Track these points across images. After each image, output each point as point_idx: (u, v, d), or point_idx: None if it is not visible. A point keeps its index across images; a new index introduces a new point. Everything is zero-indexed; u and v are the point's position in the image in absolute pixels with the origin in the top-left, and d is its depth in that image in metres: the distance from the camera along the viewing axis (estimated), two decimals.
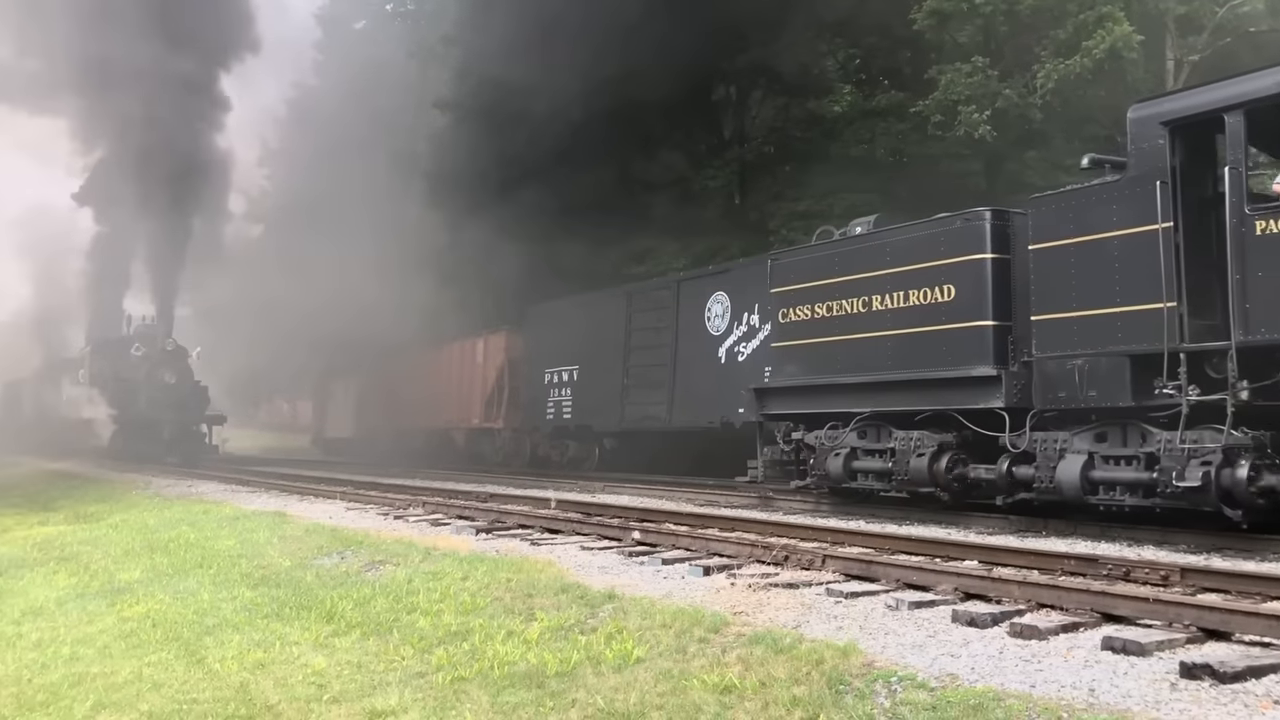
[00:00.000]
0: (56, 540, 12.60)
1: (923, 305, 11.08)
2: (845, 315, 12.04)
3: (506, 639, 6.02)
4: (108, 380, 30.80)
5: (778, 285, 13.26)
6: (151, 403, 28.23)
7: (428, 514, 12.23)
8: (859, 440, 11.88)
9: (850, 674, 4.80)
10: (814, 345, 12.51)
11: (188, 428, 28.69)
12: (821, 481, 12.33)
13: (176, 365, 29.19)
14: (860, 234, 12.53)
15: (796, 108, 25.70)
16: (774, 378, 13.48)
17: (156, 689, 5.96)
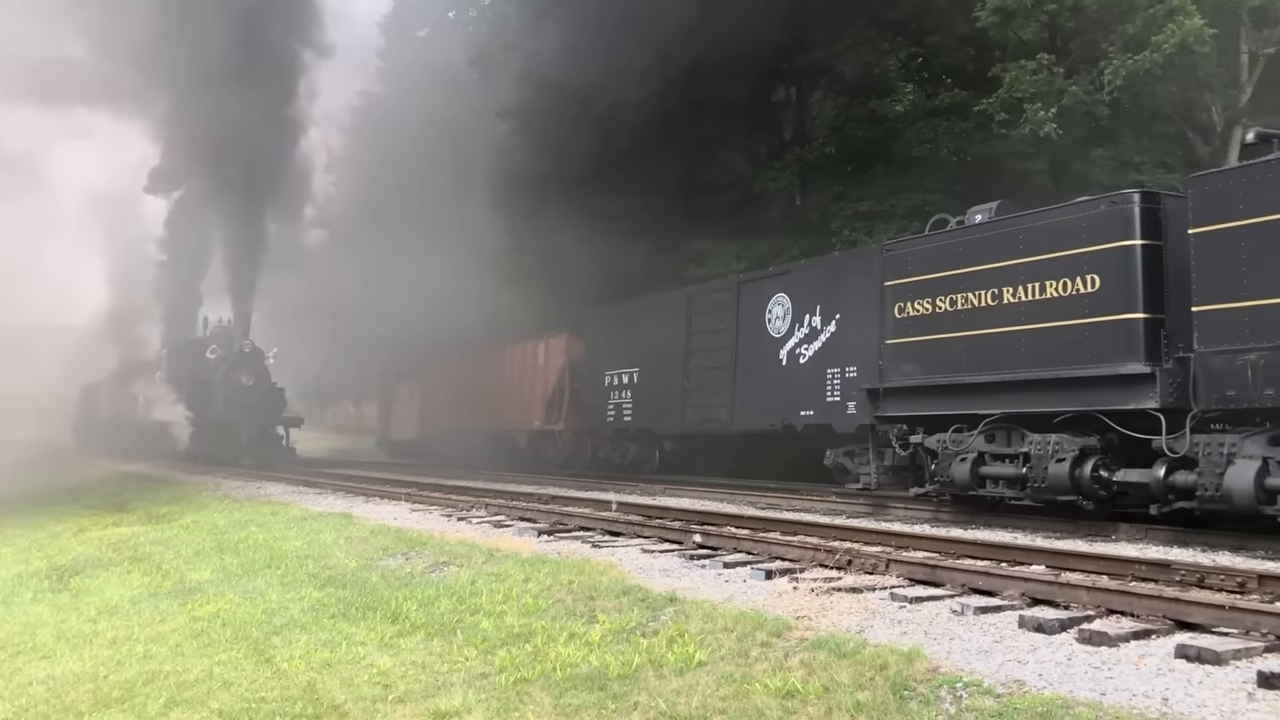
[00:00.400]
0: (130, 540, 12.89)
1: (1061, 297, 10.30)
2: (971, 309, 11.26)
3: (569, 641, 6.04)
4: (184, 382, 30.54)
5: (893, 278, 12.47)
6: (229, 404, 27.98)
7: (490, 516, 12.32)
8: (987, 444, 11.12)
9: (915, 679, 4.75)
10: (935, 342, 11.73)
11: (265, 430, 28.34)
12: (944, 489, 11.61)
13: (254, 367, 28.76)
14: (987, 221, 11.68)
15: (858, 107, 25.53)
16: (890, 377, 12.61)
17: (226, 687, 6.07)
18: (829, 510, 12.97)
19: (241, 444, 27.06)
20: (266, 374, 29.07)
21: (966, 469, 11.14)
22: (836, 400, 17.00)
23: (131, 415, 37.58)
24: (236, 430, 27.36)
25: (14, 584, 10.78)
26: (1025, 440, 10.69)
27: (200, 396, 28.91)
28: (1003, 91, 19.70)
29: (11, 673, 7.16)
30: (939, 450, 11.63)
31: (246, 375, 28.29)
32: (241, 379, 28.21)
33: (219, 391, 28.31)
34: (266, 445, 27.84)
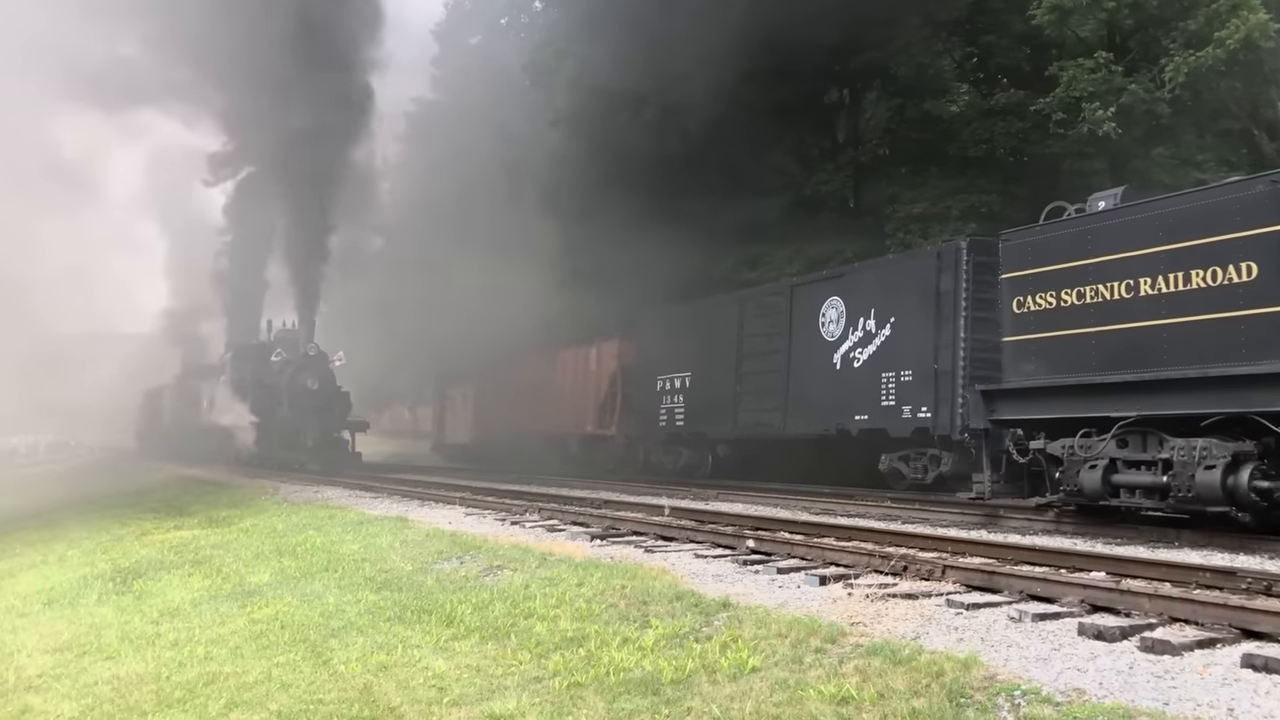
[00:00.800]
0: (191, 544, 13.12)
1: (1210, 288, 9.46)
2: (1103, 303, 10.35)
3: (622, 646, 6.04)
4: (249, 386, 30.26)
5: (1011, 270, 11.61)
6: (294, 409, 27.57)
7: (543, 520, 12.37)
8: (1120, 450, 10.20)
9: (972, 687, 4.68)
10: (1061, 339, 10.85)
11: (330, 434, 27.86)
12: (1071, 498, 10.76)
13: (318, 370, 28.19)
14: (1117, 207, 10.80)
15: (912, 109, 25.35)
16: (1009, 376, 11.74)
17: (285, 689, 6.15)
18: (884, 516, 12.84)
19: (307, 448, 26.74)
20: (332, 378, 28.55)
21: (1097, 477, 10.26)
22: (891, 404, 16.88)
23: (195, 419, 37.56)
24: (301, 435, 27.05)
25: (80, 586, 11.02)
26: (1166, 445, 9.79)
27: (265, 400, 28.58)
28: (1060, 91, 19.47)
29: (78, 672, 7.32)
30: (1064, 457, 10.78)
31: (311, 379, 27.78)
32: (306, 383, 27.71)
33: (284, 395, 27.92)
34: (331, 450, 27.48)
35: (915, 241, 21.78)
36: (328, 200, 27.44)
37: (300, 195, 27.18)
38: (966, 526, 11.70)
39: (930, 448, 16.58)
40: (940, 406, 16.06)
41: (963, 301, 15.94)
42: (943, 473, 16.45)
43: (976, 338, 15.92)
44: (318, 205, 27.19)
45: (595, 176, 25.56)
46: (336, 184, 27.63)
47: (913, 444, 16.94)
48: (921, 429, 16.44)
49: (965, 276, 15.97)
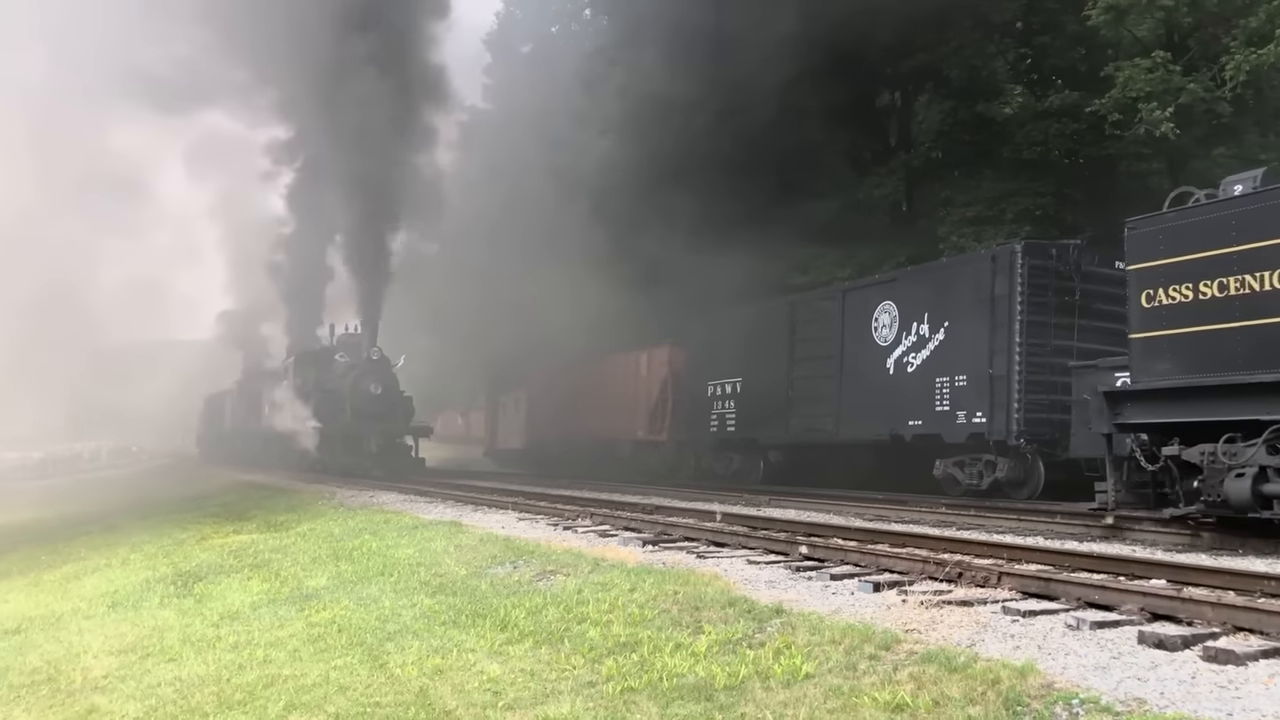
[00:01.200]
0: (250, 548, 13.33)
1: None
2: (1250, 294, 9.49)
3: (675, 651, 6.05)
4: (311, 391, 29.61)
5: (1139, 260, 10.74)
6: (357, 414, 27.01)
7: (595, 525, 12.41)
8: (1270, 457, 9.27)
9: (1028, 695, 4.64)
10: (1200, 335, 9.98)
11: (393, 439, 27.39)
12: (1212, 510, 9.84)
13: (381, 375, 27.55)
14: (1261, 190, 9.88)
15: (965, 111, 25.13)
16: (1136, 376, 10.82)
17: (342, 692, 6.24)
18: (939, 522, 12.72)
19: (371, 454, 26.28)
20: (395, 382, 27.98)
21: (1245, 487, 9.26)
22: (946, 409, 16.75)
23: (256, 425, 37.51)
24: (365, 440, 26.60)
25: (143, 589, 11.24)
26: None
27: (328, 406, 28.02)
28: (1116, 91, 19.20)
29: (141, 674, 7.47)
30: (1204, 464, 9.84)
31: (374, 384, 27.22)
32: (370, 387, 27.16)
33: (346, 400, 27.42)
34: (395, 455, 27.03)
35: (969, 245, 21.58)
36: (392, 202, 26.91)
37: (364, 196, 26.67)
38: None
39: (985, 453, 16.43)
40: (995, 411, 15.91)
41: (1018, 305, 15.78)
42: (998, 478, 16.29)
43: (1032, 342, 15.77)
44: (382, 206, 26.66)
45: (646, 182, 25.62)
46: (401, 186, 27.00)
47: (968, 449, 16.79)
48: (976, 434, 16.29)
49: (1020, 280, 15.81)
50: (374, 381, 27.22)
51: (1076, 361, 15.41)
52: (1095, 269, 16.36)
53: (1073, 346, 15.83)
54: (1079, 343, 15.87)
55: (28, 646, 9.31)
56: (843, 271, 23.28)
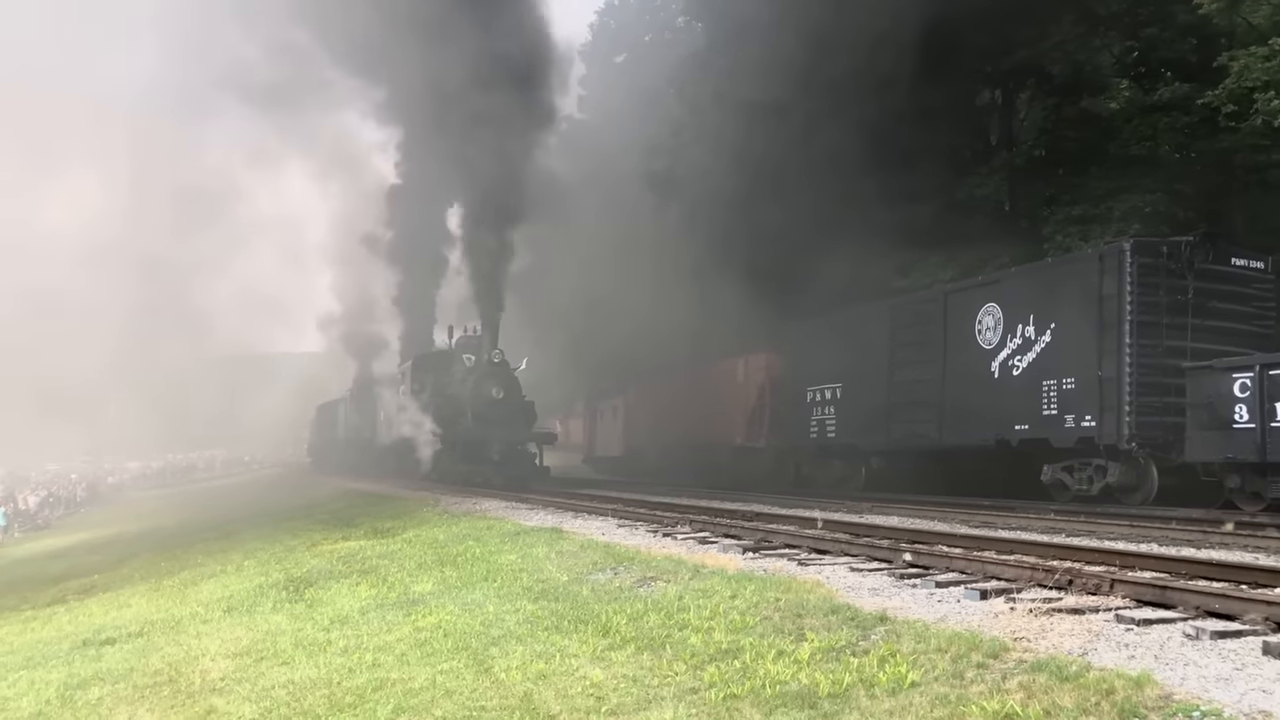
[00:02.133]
0: (358, 554, 13.64)
1: None
2: None
3: (777, 658, 6.01)
4: (430, 396, 28.43)
5: None
6: (478, 419, 25.24)
7: (695, 532, 12.40)
8: None
9: (1145, 706, 4.49)
10: None
11: (516, 446, 25.44)
12: None
13: (503, 378, 25.81)
14: None
15: (1068, 107, 24.51)
16: None
17: (449, 696, 6.34)
18: (1047, 529, 12.41)
19: (493, 462, 24.51)
20: (517, 386, 26.20)
21: None
22: (1053, 413, 16.37)
23: (371, 433, 36.62)
24: (487, 447, 24.82)
25: (256, 595, 11.60)
26: None
27: (447, 411, 26.70)
28: (1230, 82, 18.54)
29: (256, 677, 7.70)
30: None
31: (496, 387, 25.43)
32: (491, 391, 25.37)
33: (467, 405, 25.72)
34: (518, 463, 25.26)
35: (1075, 244, 21.03)
36: (513, 194, 25.26)
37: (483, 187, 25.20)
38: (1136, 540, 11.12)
39: (1095, 458, 16.00)
40: (1106, 415, 15.49)
41: (1128, 305, 15.35)
42: (1109, 484, 15.84)
43: (1143, 343, 15.32)
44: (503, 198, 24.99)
45: (742, 188, 25.55)
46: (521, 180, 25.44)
47: (1077, 454, 16.37)
48: (1086, 438, 15.88)
49: (1130, 279, 15.39)
50: (496, 385, 25.54)
51: (1191, 362, 14.93)
52: (1210, 266, 15.83)
53: (1186, 347, 15.34)
54: (1193, 343, 15.37)
55: (150, 649, 9.67)
56: (944, 274, 22.87)
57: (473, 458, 24.92)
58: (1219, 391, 14.07)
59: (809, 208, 23.64)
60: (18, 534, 38.32)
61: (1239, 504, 14.04)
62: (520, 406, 26.05)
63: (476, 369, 26.27)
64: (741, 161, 25.67)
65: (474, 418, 25.34)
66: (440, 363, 29.75)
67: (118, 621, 11.91)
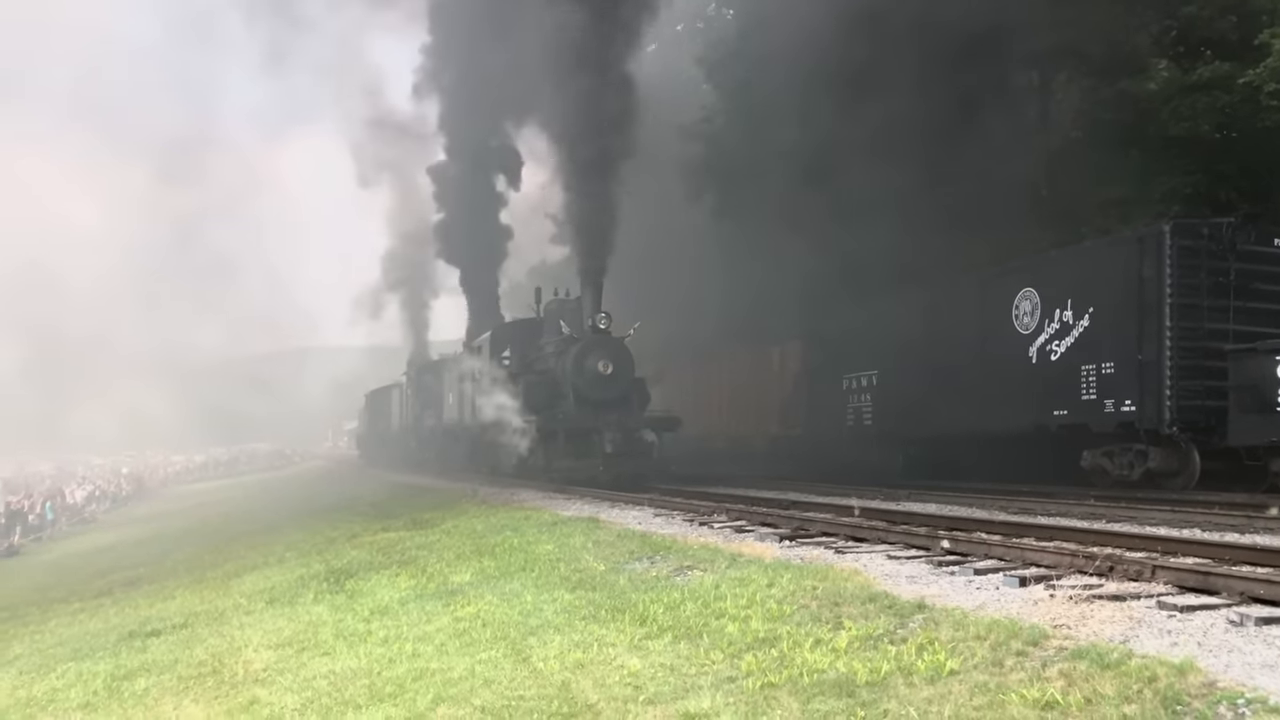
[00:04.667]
0: (397, 545, 13.75)
1: None
2: None
3: (815, 647, 6.00)
4: (518, 374, 23.45)
5: None
6: (583, 401, 20.66)
7: (731, 521, 12.40)
8: None
9: (1188, 694, 4.44)
10: None
11: (631, 435, 20.53)
12: None
13: (612, 351, 20.97)
14: None
15: (1106, 88, 24.15)
16: None
17: (488, 685, 6.39)
18: (1087, 515, 12.29)
19: (605, 455, 19.90)
20: (629, 359, 21.34)
21: None
22: (1093, 398, 16.20)
23: (436, 422, 32.11)
24: (597, 437, 20.10)
25: (298, 586, 11.73)
26: None
27: (541, 393, 21.69)
28: (1272, 60, 18.25)
29: (298, 667, 7.80)
30: None
31: (604, 361, 20.68)
32: (598, 367, 20.65)
33: (568, 384, 21.00)
34: (636, 456, 20.42)
35: (1114, 227, 20.77)
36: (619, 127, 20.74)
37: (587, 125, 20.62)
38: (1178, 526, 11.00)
39: (1136, 443, 15.83)
40: (1146, 399, 15.31)
41: (1168, 288, 15.15)
42: (1150, 469, 15.66)
43: (1184, 325, 15.13)
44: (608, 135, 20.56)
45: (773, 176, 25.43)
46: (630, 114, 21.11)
47: (1116, 439, 16.20)
48: (1126, 423, 15.71)
49: (1170, 262, 15.19)
50: (603, 358, 20.75)
51: (1233, 345, 14.73)
52: (1252, 247, 15.60)
53: (1229, 330, 15.13)
54: (1235, 325, 15.16)
55: (194, 640, 9.81)
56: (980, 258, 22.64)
57: (581, 450, 20.25)
58: (1262, 374, 13.88)
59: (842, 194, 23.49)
60: (65, 528, 38.94)
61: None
62: (633, 384, 21.59)
63: (578, 338, 21.46)
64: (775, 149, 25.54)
65: (577, 400, 20.80)
66: (527, 332, 24.83)
67: (163, 613, 12.09)
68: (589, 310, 21.16)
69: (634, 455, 20.30)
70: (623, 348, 21.23)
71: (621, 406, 20.88)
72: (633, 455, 20.26)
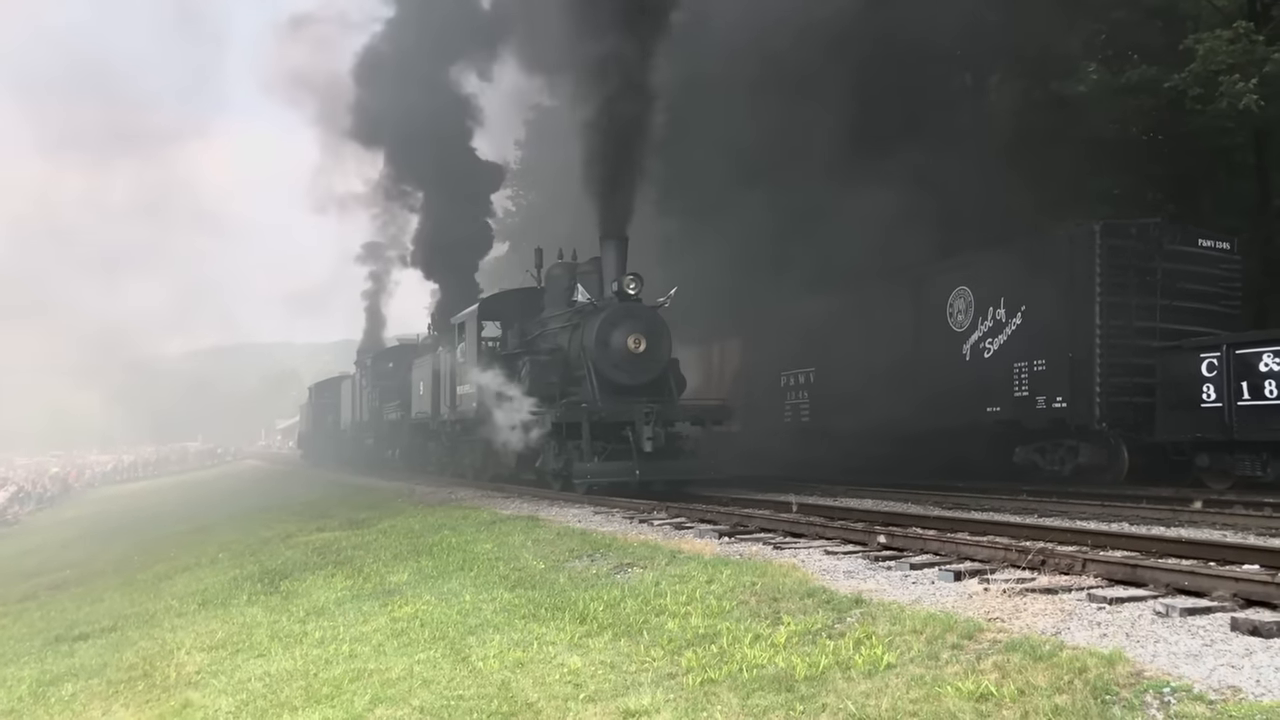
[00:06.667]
0: (333, 545, 13.58)
1: None
2: None
3: (754, 642, 6.04)
4: (520, 354, 18.72)
5: None
6: (606, 387, 16.55)
7: (671, 518, 12.42)
8: None
9: (1117, 683, 4.54)
10: None
11: (669, 426, 16.18)
12: None
13: (645, 323, 16.78)
14: None
15: (1038, 90, 24.58)
16: None
17: (426, 685, 6.33)
18: (1020, 509, 12.52)
19: (641, 455, 15.63)
20: (665, 332, 17.07)
21: None
22: (1025, 395, 16.49)
23: (403, 414, 28.00)
24: (633, 431, 15.81)
25: (231, 587, 11.53)
26: None
27: (548, 377, 17.47)
28: (1196, 65, 18.68)
29: (232, 669, 7.66)
30: None
31: (633, 337, 16.52)
32: (627, 342, 16.50)
33: (587, 365, 16.74)
34: (674, 456, 16.31)
35: (1046, 226, 21.16)
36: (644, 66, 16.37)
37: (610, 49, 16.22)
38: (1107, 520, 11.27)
39: (1067, 439, 16.15)
40: (1077, 396, 15.62)
41: (1097, 287, 15.47)
42: (1080, 464, 15.99)
43: (1113, 323, 15.46)
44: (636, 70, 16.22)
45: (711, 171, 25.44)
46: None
47: (1048, 435, 16.51)
48: (1057, 419, 16.02)
49: (1100, 261, 15.50)
50: (634, 331, 16.59)
51: (1160, 342, 15.09)
52: (1178, 247, 15.98)
53: (1156, 328, 15.49)
54: (1162, 323, 15.53)
55: (124, 643, 9.61)
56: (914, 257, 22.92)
57: (611, 449, 16.01)
58: (1188, 371, 14.24)
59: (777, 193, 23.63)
60: None
61: (1207, 482, 14.23)
62: (669, 366, 17.45)
63: (600, 307, 17.04)
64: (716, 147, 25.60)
65: (601, 385, 16.55)
66: (525, 303, 20.24)
67: (90, 616, 11.82)
68: (612, 271, 16.87)
69: (675, 455, 16.32)
70: (657, 318, 17.03)
71: (658, 390, 16.93)
72: (674, 455, 16.27)
